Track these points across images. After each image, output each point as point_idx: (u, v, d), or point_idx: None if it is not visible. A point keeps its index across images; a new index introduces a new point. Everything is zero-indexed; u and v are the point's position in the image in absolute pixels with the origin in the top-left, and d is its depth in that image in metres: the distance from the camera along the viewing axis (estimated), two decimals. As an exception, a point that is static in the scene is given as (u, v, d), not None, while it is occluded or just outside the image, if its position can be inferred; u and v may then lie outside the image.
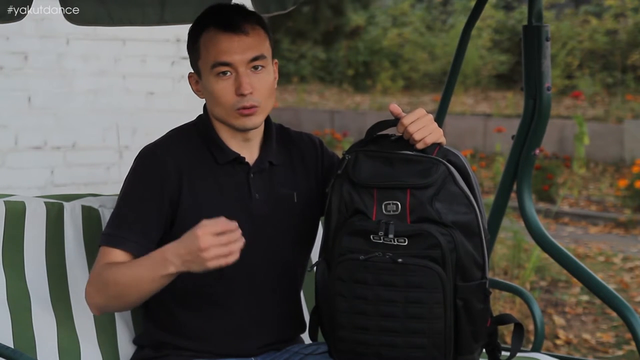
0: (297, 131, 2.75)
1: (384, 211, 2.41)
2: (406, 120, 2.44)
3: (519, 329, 2.54)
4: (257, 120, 2.56)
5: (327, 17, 13.68)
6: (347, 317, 2.44)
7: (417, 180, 2.39)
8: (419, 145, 2.43)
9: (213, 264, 2.33)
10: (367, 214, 2.42)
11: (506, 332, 5.40)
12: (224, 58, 2.52)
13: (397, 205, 2.40)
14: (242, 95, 2.52)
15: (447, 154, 2.44)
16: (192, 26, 2.60)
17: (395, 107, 2.47)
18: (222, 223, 2.33)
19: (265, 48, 2.56)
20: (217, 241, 2.32)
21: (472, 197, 2.41)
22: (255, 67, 2.54)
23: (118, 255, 2.49)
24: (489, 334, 2.51)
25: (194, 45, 2.58)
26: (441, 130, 2.47)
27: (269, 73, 2.57)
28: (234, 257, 2.33)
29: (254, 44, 2.54)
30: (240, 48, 2.52)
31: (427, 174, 2.40)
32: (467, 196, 2.41)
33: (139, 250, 2.49)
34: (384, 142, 2.48)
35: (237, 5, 2.61)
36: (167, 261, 2.37)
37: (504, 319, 2.54)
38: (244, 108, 2.52)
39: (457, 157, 2.46)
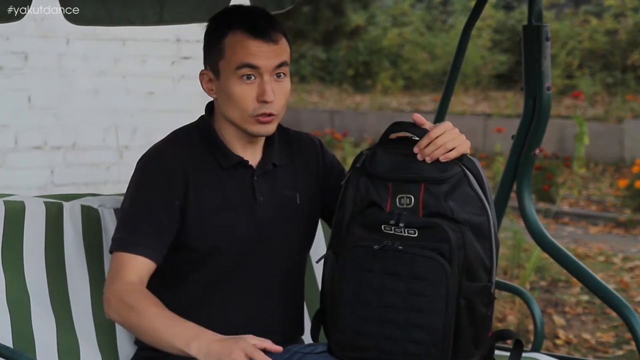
0: (296, 131, 2.75)
1: (397, 204, 2.42)
2: (434, 132, 2.43)
3: (518, 345, 2.54)
4: (272, 128, 2.56)
5: (327, 17, 13.67)
6: (349, 305, 2.44)
7: (433, 174, 2.41)
8: (451, 155, 2.42)
9: None
10: (382, 206, 2.44)
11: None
12: (253, 61, 2.50)
13: (410, 198, 2.42)
14: (265, 102, 2.51)
15: (462, 159, 2.45)
16: (213, 25, 2.59)
17: (420, 117, 2.47)
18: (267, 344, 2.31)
19: (288, 56, 2.57)
20: None
21: (486, 202, 2.42)
22: (279, 75, 2.54)
23: (136, 262, 2.47)
24: (489, 347, 2.51)
25: (216, 44, 2.55)
26: (468, 142, 2.47)
27: (288, 81, 2.58)
28: None
29: (280, 51, 2.54)
30: (269, 54, 2.52)
31: (444, 169, 2.41)
32: (481, 199, 2.42)
33: (153, 255, 2.49)
34: (404, 142, 2.49)
35: (263, 10, 2.61)
36: (193, 343, 2.34)
37: (504, 335, 2.54)
38: (263, 115, 2.52)
39: (473, 163, 2.47)
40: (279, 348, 2.34)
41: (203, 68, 2.61)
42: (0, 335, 2.52)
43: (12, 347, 2.50)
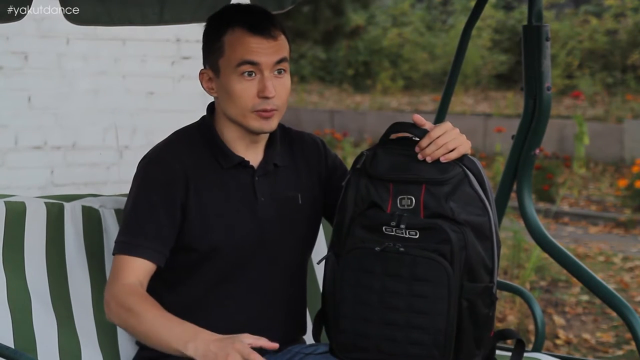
0: (298, 131, 2.75)
1: (398, 205, 2.42)
2: (434, 133, 2.43)
3: (521, 344, 2.54)
4: (274, 123, 2.56)
5: (327, 17, 13.67)
6: (350, 306, 2.44)
7: (434, 175, 2.40)
8: (452, 155, 2.42)
9: None
10: (382, 207, 2.43)
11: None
12: (253, 57, 2.51)
13: (411, 199, 2.41)
14: (266, 98, 2.51)
15: (463, 159, 2.45)
16: (212, 24, 2.59)
17: (420, 118, 2.47)
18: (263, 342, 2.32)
19: (287, 52, 2.58)
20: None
21: (487, 202, 2.42)
22: (279, 71, 2.54)
23: (137, 264, 2.48)
24: (490, 347, 2.51)
25: (215, 43, 2.56)
26: (469, 142, 2.47)
27: (289, 78, 2.58)
28: None
29: (280, 47, 2.55)
30: (269, 50, 2.52)
31: (445, 170, 2.41)
32: (482, 199, 2.42)
33: (156, 257, 2.49)
34: (404, 142, 2.49)
35: (261, 8, 2.62)
36: (190, 343, 2.35)
37: (505, 334, 2.54)
38: (264, 111, 2.52)
39: (474, 163, 2.46)
40: (275, 345, 2.34)
41: (202, 67, 2.62)
42: (2, 336, 2.52)
43: (13, 347, 2.50)
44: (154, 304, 2.45)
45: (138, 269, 2.48)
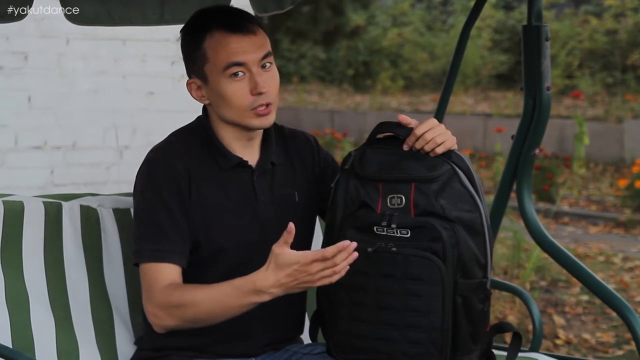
0: (291, 128, 2.75)
1: (388, 204, 2.42)
2: (419, 130, 2.44)
3: (517, 338, 2.54)
4: (272, 118, 2.56)
5: (327, 17, 13.68)
6: (346, 308, 2.45)
7: (423, 172, 2.41)
8: (439, 150, 2.43)
9: (320, 283, 2.31)
10: (373, 207, 2.44)
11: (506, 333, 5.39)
12: (238, 58, 2.50)
13: (401, 198, 2.42)
14: (260, 94, 2.51)
15: (451, 156, 2.45)
16: (188, 32, 2.57)
17: (405, 117, 2.47)
18: (329, 251, 2.29)
19: (270, 46, 2.57)
20: (324, 265, 2.29)
21: (477, 197, 2.42)
22: (264, 66, 2.53)
23: (168, 270, 2.45)
24: (487, 342, 2.51)
25: (196, 51, 2.54)
26: (455, 138, 2.48)
27: (276, 70, 2.58)
28: (339, 276, 2.30)
29: (262, 42, 2.54)
30: (252, 47, 2.51)
31: (434, 168, 2.42)
32: (472, 195, 2.42)
33: (180, 259, 2.48)
34: (392, 141, 2.50)
35: (233, 7, 2.61)
36: (263, 293, 2.34)
37: (502, 327, 2.54)
38: (261, 107, 2.52)
39: (462, 159, 2.47)
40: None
41: (188, 78, 2.60)
42: (0, 335, 2.52)
43: (11, 346, 2.50)
44: (196, 285, 2.44)
45: (171, 275, 2.46)
